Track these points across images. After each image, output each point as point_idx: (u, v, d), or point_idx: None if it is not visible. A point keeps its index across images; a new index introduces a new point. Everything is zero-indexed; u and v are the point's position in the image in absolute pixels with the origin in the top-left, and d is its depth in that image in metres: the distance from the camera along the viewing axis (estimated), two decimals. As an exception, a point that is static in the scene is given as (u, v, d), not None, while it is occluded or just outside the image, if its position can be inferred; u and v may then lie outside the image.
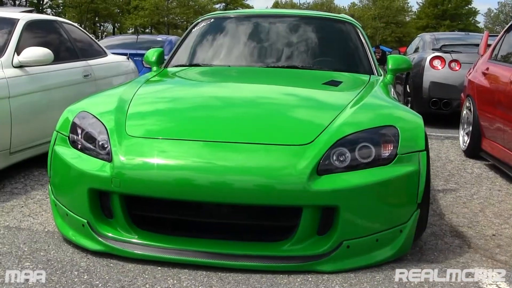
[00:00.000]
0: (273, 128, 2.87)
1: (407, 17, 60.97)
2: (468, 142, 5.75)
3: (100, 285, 2.47)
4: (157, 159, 2.66)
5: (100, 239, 2.76)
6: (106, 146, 2.80)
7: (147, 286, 2.47)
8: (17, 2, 44.52)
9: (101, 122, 2.91)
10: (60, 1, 45.81)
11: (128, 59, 6.77)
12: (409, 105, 8.54)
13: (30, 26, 4.78)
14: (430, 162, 4.24)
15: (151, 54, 4.46)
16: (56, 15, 30.57)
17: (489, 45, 6.02)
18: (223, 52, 4.41)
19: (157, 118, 3.08)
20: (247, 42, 4.45)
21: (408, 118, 3.02)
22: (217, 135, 2.79)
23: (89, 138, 2.89)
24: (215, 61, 4.33)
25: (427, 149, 2.86)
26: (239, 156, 2.65)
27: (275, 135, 2.79)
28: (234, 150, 2.69)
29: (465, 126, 5.94)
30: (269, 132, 2.83)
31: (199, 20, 4.81)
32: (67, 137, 2.97)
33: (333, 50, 4.47)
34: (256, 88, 3.75)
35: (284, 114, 3.10)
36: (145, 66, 7.96)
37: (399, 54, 13.46)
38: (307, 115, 3.08)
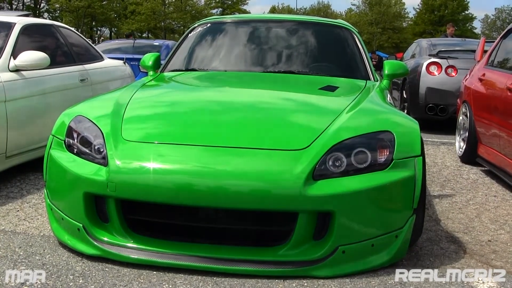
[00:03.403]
0: (269, 133, 2.87)
1: (404, 23, 61.05)
2: (464, 148, 5.76)
3: (95, 289, 2.47)
4: (153, 163, 2.66)
5: (95, 243, 2.75)
6: (102, 150, 2.80)
7: (142, 290, 2.47)
8: (13, 6, 44.47)
9: (97, 126, 2.91)
10: (57, 6, 45.71)
11: (125, 63, 6.77)
12: (405, 111, 8.55)
13: (27, 30, 4.78)
14: (426, 167, 4.25)
15: (148, 59, 4.45)
16: (53, 20, 30.55)
17: (485, 51, 6.03)
18: (220, 56, 4.41)
19: (153, 122, 3.08)
20: (243, 47, 4.45)
21: (404, 123, 3.02)
22: (213, 139, 2.79)
23: (85, 142, 2.89)
24: (212, 65, 4.32)
25: (423, 154, 2.87)
26: (235, 161, 2.65)
27: (271, 140, 2.79)
28: (230, 155, 2.69)
29: (461, 132, 5.95)
30: (265, 137, 2.83)
31: (196, 25, 4.81)
32: (63, 141, 2.97)
33: (330, 56, 4.48)
34: (252, 93, 3.75)
35: (280, 119, 3.10)
36: (141, 70, 7.96)
37: (396, 60, 13.47)
38: (303, 120, 3.08)
